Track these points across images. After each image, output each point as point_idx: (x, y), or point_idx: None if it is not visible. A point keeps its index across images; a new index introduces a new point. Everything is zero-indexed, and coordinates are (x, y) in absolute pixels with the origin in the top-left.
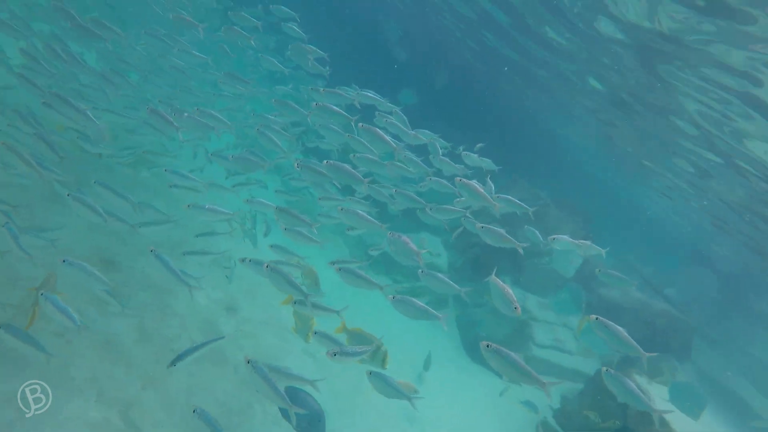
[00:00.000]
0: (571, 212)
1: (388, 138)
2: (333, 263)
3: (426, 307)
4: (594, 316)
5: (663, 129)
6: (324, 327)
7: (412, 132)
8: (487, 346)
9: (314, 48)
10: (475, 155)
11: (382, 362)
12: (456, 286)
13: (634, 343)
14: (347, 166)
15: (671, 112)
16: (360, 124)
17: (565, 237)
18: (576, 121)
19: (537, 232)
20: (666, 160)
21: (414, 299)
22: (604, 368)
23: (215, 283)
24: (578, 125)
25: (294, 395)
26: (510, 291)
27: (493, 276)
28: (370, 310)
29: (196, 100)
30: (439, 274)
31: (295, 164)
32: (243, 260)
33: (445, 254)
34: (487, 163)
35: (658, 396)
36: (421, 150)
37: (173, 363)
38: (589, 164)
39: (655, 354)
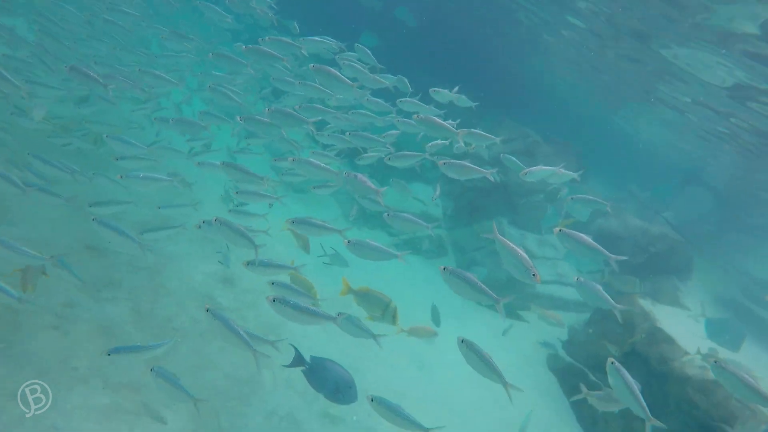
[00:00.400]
0: (561, 148)
1: (344, 78)
2: (288, 221)
3: (382, 247)
4: (558, 228)
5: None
6: (330, 290)
7: (373, 75)
8: (444, 269)
9: None
10: (446, 91)
11: (393, 319)
12: (424, 223)
13: (600, 247)
14: (289, 110)
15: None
16: (311, 65)
17: (536, 167)
18: (559, 55)
19: (514, 158)
20: (654, 84)
21: (370, 241)
22: (575, 277)
23: (207, 257)
24: (561, 59)
25: (320, 364)
26: (523, 253)
27: (497, 235)
28: (371, 271)
29: (137, 59)
30: (406, 214)
31: (238, 118)
32: (199, 226)
33: (438, 201)
34: (461, 100)
35: (692, 332)
36: (389, 96)
37: (109, 353)
38: (577, 99)
39: (624, 257)
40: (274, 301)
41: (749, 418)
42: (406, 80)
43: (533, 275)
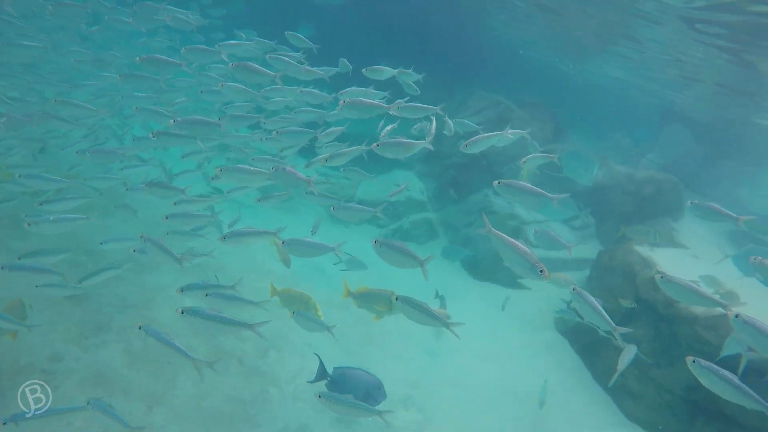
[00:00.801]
0: (535, 110)
1: (266, 71)
2: (219, 238)
3: (318, 242)
4: (497, 182)
5: None
6: (330, 296)
7: (305, 67)
8: (375, 241)
9: (172, 7)
10: (382, 67)
11: None
12: (371, 209)
13: (540, 190)
14: (197, 117)
15: None
16: (231, 64)
17: (476, 137)
18: (519, 14)
19: (468, 122)
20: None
21: (305, 238)
22: (535, 230)
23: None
24: (522, 19)
25: (344, 375)
26: (524, 247)
27: (490, 229)
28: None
29: (54, 89)
30: (351, 204)
31: (150, 135)
32: (134, 250)
33: (421, 184)
34: (405, 74)
35: (694, 269)
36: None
37: (5, 422)
38: (545, 59)
39: (565, 195)
40: (183, 312)
41: None
42: (346, 61)
43: (540, 271)
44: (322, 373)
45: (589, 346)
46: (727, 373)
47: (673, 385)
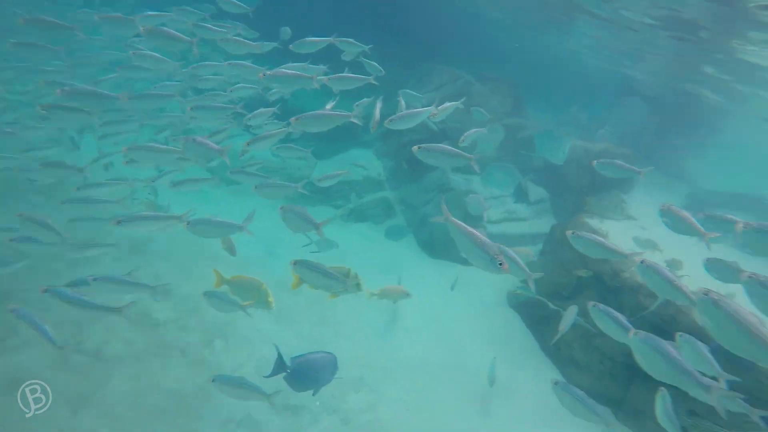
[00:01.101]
0: (496, 84)
1: (181, 36)
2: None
3: (222, 221)
4: (416, 147)
5: None
6: (282, 280)
7: (237, 38)
8: (281, 208)
9: None
10: (312, 39)
11: (357, 287)
12: (293, 185)
13: (457, 150)
14: (89, 88)
15: None
16: (142, 27)
17: (403, 113)
18: None
19: (413, 92)
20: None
21: (210, 217)
22: (470, 195)
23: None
24: None
25: (304, 363)
26: (483, 237)
27: (448, 216)
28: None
29: None
30: (274, 181)
31: (39, 108)
32: (11, 239)
33: (378, 163)
34: (345, 44)
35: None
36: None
37: None
38: (505, 34)
39: (479, 154)
40: (45, 291)
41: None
42: (288, 30)
43: (500, 264)
44: (279, 365)
45: (539, 320)
46: (619, 316)
47: (614, 352)
